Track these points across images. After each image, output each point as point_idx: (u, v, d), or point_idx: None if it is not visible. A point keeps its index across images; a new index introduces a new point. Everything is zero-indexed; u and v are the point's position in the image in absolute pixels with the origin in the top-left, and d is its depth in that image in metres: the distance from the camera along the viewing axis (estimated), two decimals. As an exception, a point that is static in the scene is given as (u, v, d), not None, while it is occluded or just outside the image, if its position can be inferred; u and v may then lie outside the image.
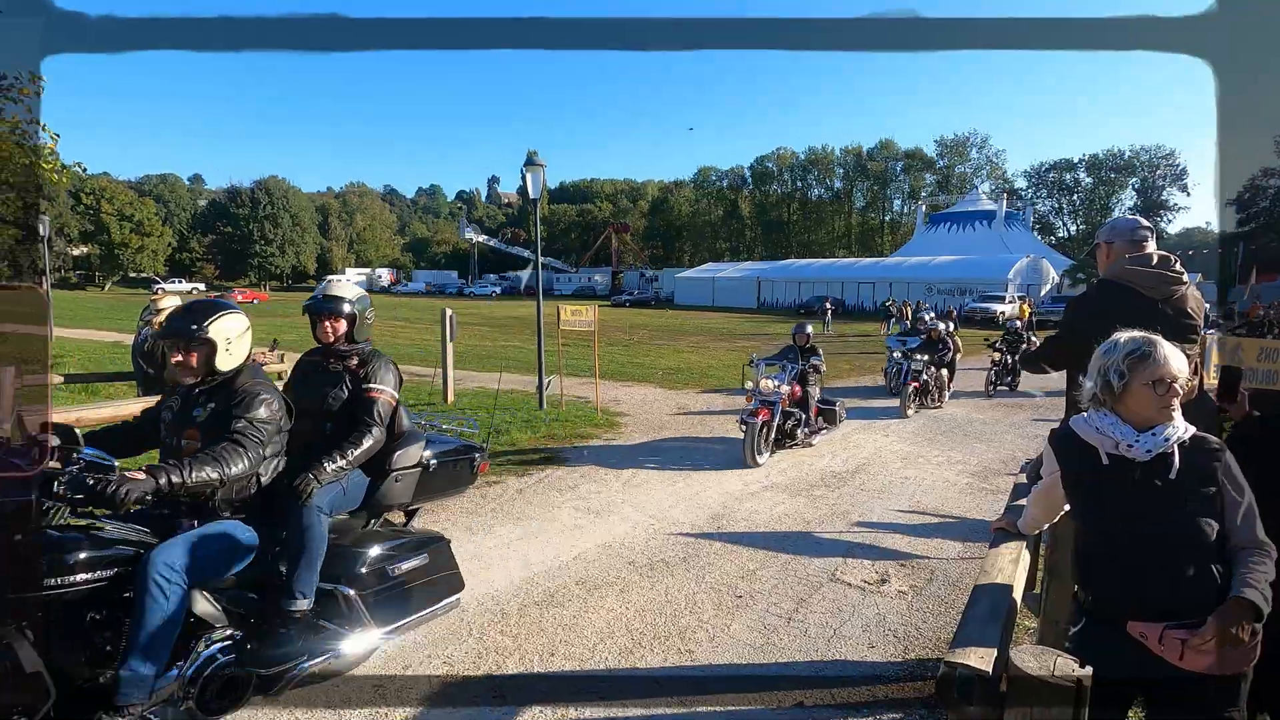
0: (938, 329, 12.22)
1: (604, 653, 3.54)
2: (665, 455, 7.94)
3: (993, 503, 6.38)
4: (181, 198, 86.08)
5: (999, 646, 1.73)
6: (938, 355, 11.82)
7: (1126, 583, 1.87)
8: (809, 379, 8.50)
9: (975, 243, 50.55)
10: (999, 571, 2.11)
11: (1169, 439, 1.85)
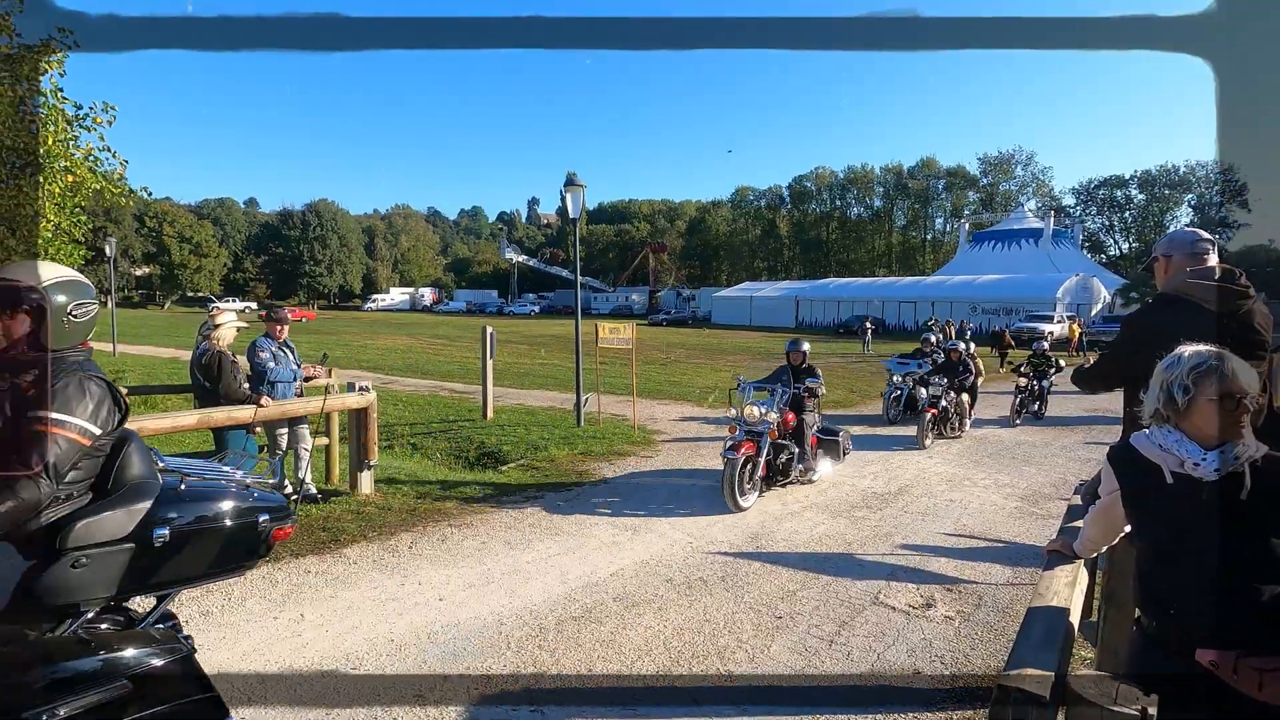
0: (957, 349, 11.26)
1: (642, 669, 3.51)
2: (702, 474, 7.88)
3: (1043, 528, 6.16)
4: (237, 220, 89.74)
5: (1056, 671, 1.67)
6: (958, 379, 10.77)
7: (1195, 608, 1.78)
8: (805, 405, 7.38)
9: (1021, 261, 49.31)
10: (1054, 594, 2.03)
11: (1239, 458, 1.77)
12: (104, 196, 10.16)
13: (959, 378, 10.79)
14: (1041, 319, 34.44)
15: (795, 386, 7.34)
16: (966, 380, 10.90)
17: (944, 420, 10.43)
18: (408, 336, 34.08)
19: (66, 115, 8.93)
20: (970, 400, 11.11)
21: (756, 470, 6.54)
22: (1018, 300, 39.84)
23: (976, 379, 11.33)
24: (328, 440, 7.07)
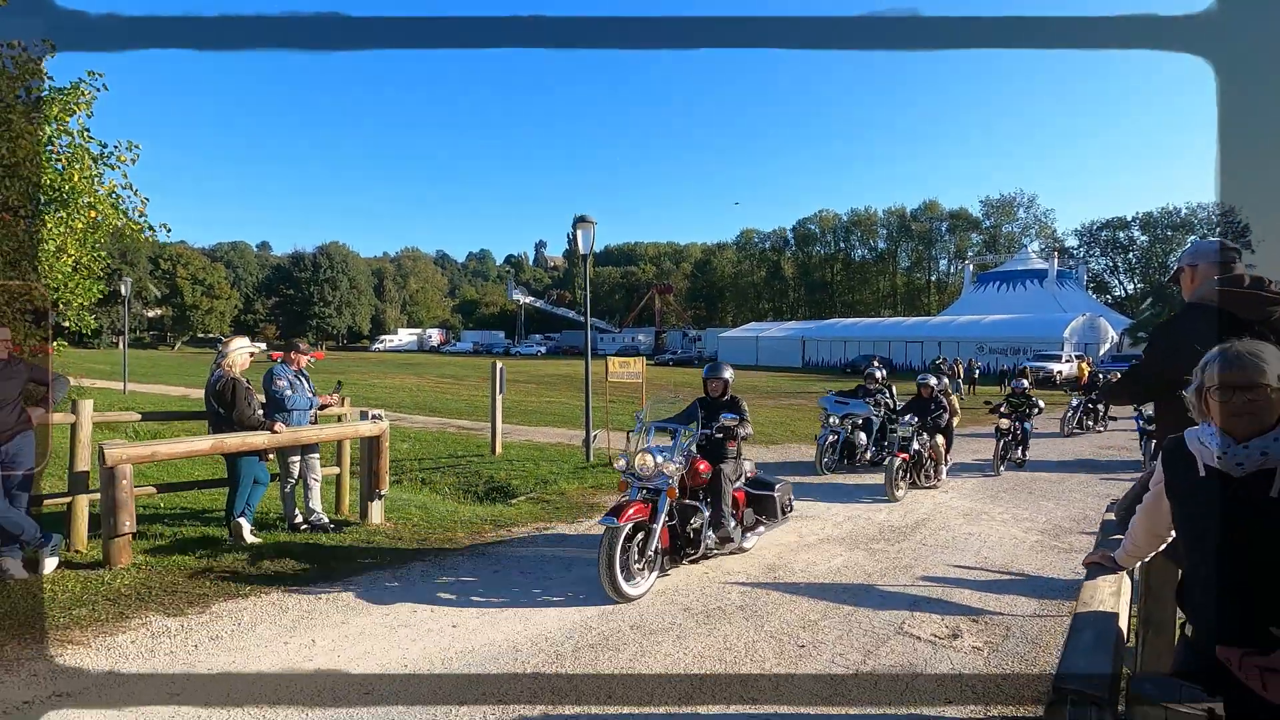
0: (928, 384, 9.68)
1: (663, 697, 3.39)
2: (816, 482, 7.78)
3: (1067, 560, 6.02)
4: (249, 263, 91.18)
5: (1111, 674, 1.60)
6: (930, 418, 9.28)
7: (1212, 604, 1.72)
8: (725, 451, 5.65)
9: (1026, 302, 49.44)
10: (1099, 602, 1.97)
11: (1267, 453, 1.70)
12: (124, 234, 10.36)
13: (931, 416, 9.34)
14: (1049, 358, 34.33)
15: (707, 427, 5.59)
16: (941, 420, 9.43)
17: (917, 466, 8.95)
18: (415, 376, 34.16)
19: (92, 154, 9.18)
20: (946, 443, 9.62)
21: (652, 541, 4.82)
22: (1025, 340, 39.80)
23: (951, 419, 10.04)
24: (338, 470, 7.01)
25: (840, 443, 10.40)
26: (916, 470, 8.96)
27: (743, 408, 5.93)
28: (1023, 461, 11.08)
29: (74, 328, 10.35)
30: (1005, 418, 10.75)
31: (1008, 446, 10.72)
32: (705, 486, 5.46)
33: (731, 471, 5.60)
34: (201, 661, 3.65)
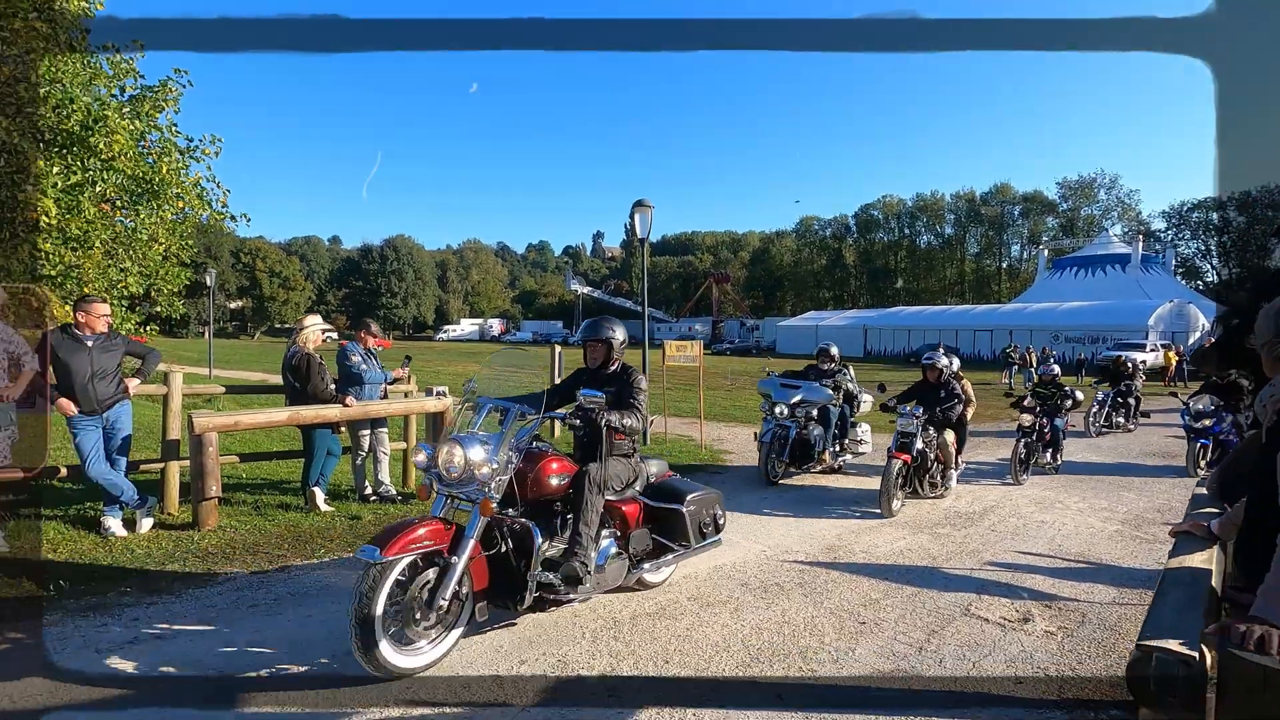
0: (935, 365, 7.56)
1: (720, 664, 3.39)
2: (774, 491, 7.69)
3: (1150, 552, 5.69)
4: (321, 256, 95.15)
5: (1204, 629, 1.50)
6: (941, 410, 7.21)
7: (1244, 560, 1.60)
8: (597, 448, 3.95)
9: (1107, 288, 46.70)
10: (1189, 562, 1.85)
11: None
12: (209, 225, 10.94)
13: (941, 408, 7.24)
14: (1132, 347, 32.42)
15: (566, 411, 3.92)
16: (953, 412, 7.33)
17: (920, 470, 7.05)
18: (477, 364, 35.01)
19: (179, 148, 9.72)
20: (957, 440, 7.74)
21: (448, 582, 3.22)
22: (1105, 328, 37.66)
23: (965, 409, 8.09)
24: (405, 445, 7.27)
25: (791, 439, 7.93)
26: (919, 476, 7.08)
27: (633, 383, 4.11)
28: (1056, 467, 9.13)
29: (165, 312, 11.03)
30: (1028, 412, 8.71)
31: (1031, 448, 8.62)
32: (564, 497, 3.80)
33: (602, 477, 3.74)
34: (280, 614, 3.86)
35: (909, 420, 6.99)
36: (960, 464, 8.09)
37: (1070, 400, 9.60)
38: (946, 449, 7.41)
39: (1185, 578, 1.73)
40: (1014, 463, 8.39)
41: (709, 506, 4.40)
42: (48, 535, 5.01)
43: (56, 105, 7.48)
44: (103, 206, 8.65)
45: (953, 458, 7.57)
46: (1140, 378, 14.74)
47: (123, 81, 9.15)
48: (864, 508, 6.92)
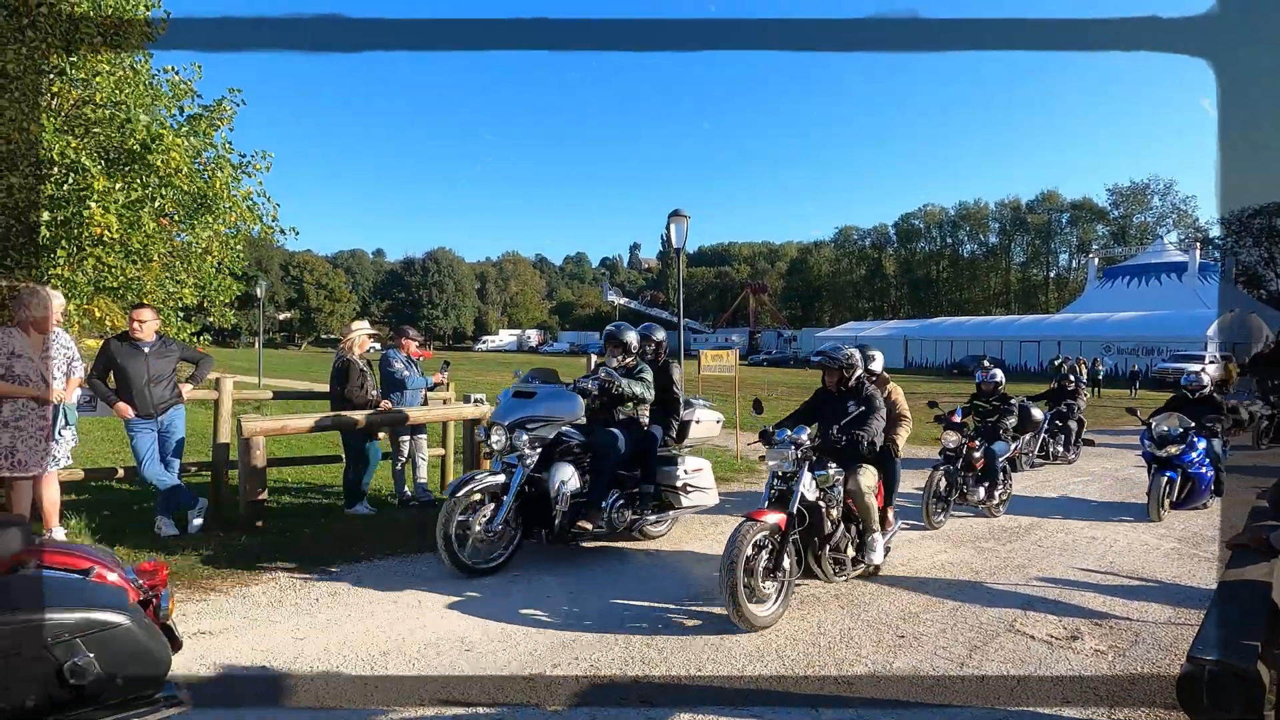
0: (838, 361, 4.75)
1: (754, 673, 3.35)
2: None
3: (1209, 570, 5.43)
4: (366, 269, 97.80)
5: (1261, 647, 1.43)
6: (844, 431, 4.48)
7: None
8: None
9: (1162, 298, 44.95)
10: (1248, 575, 1.76)
11: None
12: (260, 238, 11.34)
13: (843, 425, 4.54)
14: (1189, 358, 31.10)
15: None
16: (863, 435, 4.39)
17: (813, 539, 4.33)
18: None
19: (232, 164, 10.12)
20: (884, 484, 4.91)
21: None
22: (1160, 339, 36.23)
23: (895, 431, 5.84)
24: (443, 451, 7.39)
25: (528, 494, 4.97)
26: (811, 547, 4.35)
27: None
28: (996, 505, 6.91)
29: (217, 322, 11.45)
30: (954, 430, 6.72)
31: (954, 479, 6.57)
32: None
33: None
34: (320, 612, 3.96)
35: (782, 450, 4.28)
36: (893, 523, 5.16)
37: (1014, 417, 7.45)
38: (862, 500, 4.51)
39: (1242, 591, 1.65)
40: (926, 499, 6.28)
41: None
42: (104, 533, 5.23)
43: (121, 125, 7.86)
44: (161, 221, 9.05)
45: (873, 514, 4.54)
46: (1084, 395, 11.99)
47: (181, 101, 9.58)
48: (905, 519, 6.75)
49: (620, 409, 5.21)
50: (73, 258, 7.82)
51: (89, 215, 7.07)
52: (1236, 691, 1.35)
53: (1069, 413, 10.90)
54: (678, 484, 5.34)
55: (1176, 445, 7.17)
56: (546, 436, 4.93)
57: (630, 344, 5.37)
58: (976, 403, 7.88)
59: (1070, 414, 10.90)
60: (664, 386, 5.54)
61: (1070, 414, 10.90)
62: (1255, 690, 1.35)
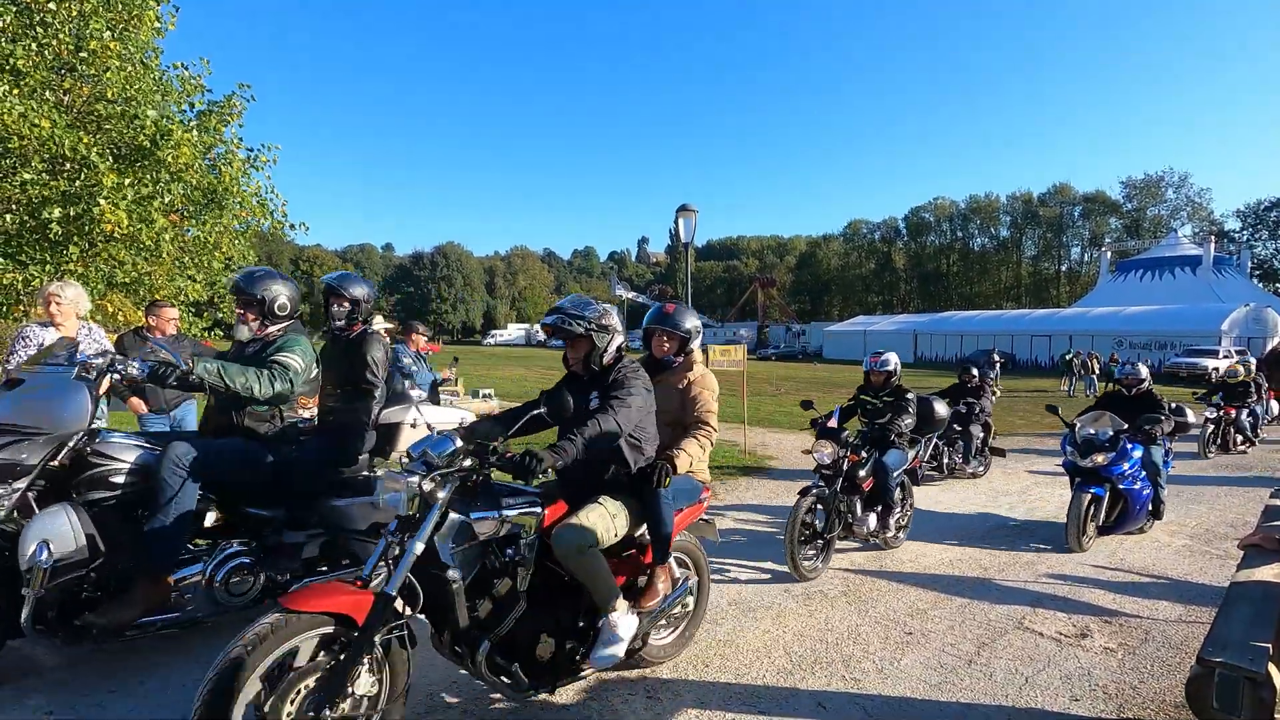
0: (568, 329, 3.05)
1: (761, 670, 3.35)
2: None
3: (1221, 567, 5.38)
4: (375, 264, 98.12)
5: (1273, 648, 1.42)
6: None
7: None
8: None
9: (1176, 291, 44.48)
10: (1259, 576, 1.75)
11: None
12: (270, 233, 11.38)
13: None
14: (1203, 353, 30.80)
15: None
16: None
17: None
18: (524, 368, 35.48)
19: (240, 158, 10.16)
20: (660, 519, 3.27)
21: None
22: (1174, 334, 35.86)
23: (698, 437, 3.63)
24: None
25: None
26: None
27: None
28: (893, 535, 5.47)
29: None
30: (830, 439, 5.09)
31: (832, 504, 4.92)
32: None
33: None
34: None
35: None
36: (663, 589, 3.19)
37: (911, 416, 5.67)
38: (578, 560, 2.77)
39: (1254, 592, 1.63)
40: (791, 538, 4.56)
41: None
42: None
43: (131, 120, 7.91)
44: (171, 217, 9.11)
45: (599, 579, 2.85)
46: (991, 395, 9.90)
47: (191, 98, 9.62)
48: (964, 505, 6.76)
49: (253, 410, 3.42)
50: (85, 254, 7.89)
51: (99, 211, 7.13)
52: (1245, 694, 1.34)
53: (970, 415, 8.81)
54: (361, 526, 3.50)
55: (1105, 454, 5.74)
56: None
57: (269, 300, 3.51)
58: (864, 398, 6.14)
59: (971, 416, 8.81)
60: (352, 372, 3.74)
61: (971, 416, 8.81)
62: (1265, 693, 1.34)
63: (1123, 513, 5.87)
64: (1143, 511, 5.97)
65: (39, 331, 4.59)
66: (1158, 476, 6.13)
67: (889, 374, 6.02)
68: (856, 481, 5.22)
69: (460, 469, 2.43)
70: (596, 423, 2.69)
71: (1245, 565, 2.06)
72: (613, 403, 2.81)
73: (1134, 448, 5.93)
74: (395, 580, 2.26)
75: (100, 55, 7.60)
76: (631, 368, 3.02)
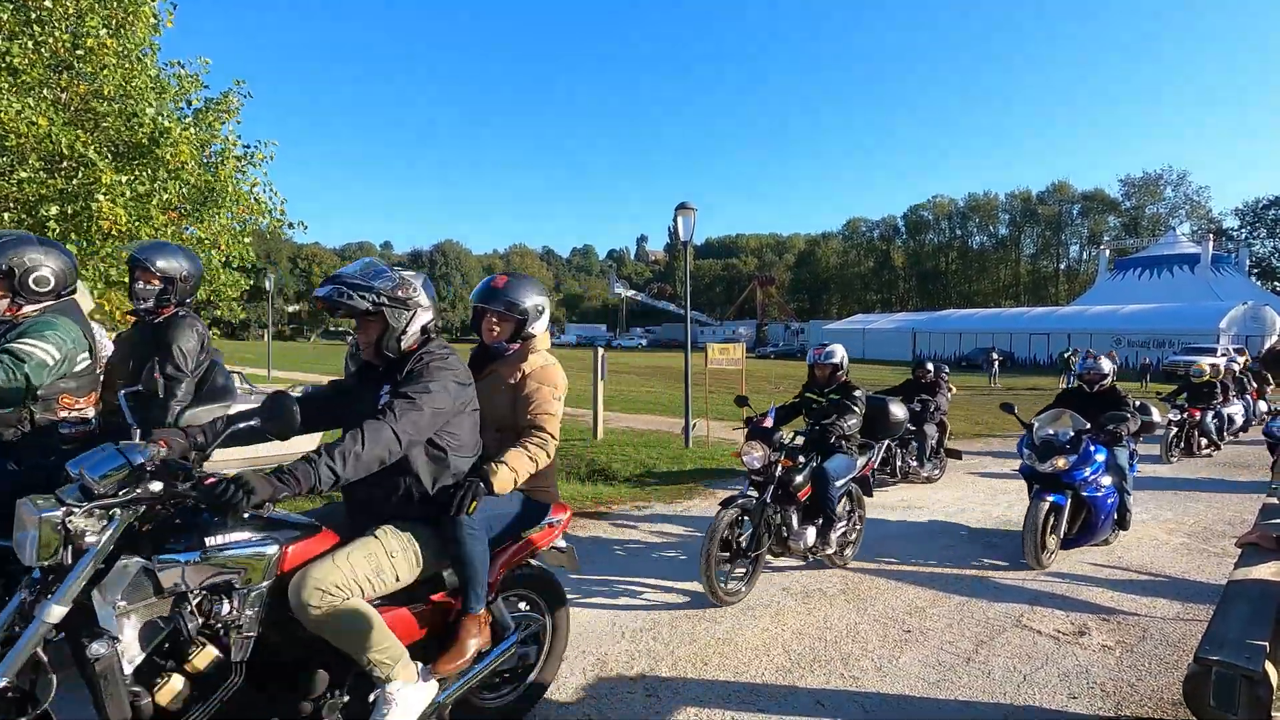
0: None
1: (760, 668, 3.36)
2: None
3: (1219, 565, 5.39)
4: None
5: (1270, 646, 1.42)
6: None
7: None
8: None
9: (1174, 289, 44.61)
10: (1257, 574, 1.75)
11: None
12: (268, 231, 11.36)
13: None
14: (1200, 351, 30.86)
15: None
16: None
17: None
18: (522, 366, 35.52)
19: (237, 155, 10.13)
20: None
21: None
22: (1172, 332, 35.96)
23: None
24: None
25: None
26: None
27: None
28: (837, 553, 4.86)
29: (224, 316, 11.51)
30: (760, 437, 4.57)
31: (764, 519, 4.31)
32: None
33: None
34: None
35: None
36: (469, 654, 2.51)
37: (857, 416, 4.97)
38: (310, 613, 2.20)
39: (1251, 590, 1.64)
40: (707, 557, 3.94)
41: None
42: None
43: (129, 118, 7.89)
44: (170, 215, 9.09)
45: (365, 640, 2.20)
46: (946, 392, 8.98)
47: (189, 95, 9.59)
48: (912, 514, 6.74)
49: None
50: (83, 251, 7.87)
51: (97, 208, 7.11)
52: (1242, 693, 1.34)
53: (924, 413, 8.12)
54: None
55: (1065, 457, 5.14)
56: None
57: (21, 271, 2.84)
58: (808, 396, 5.41)
59: (926, 415, 8.14)
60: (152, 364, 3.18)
61: (926, 415, 8.14)
62: (1261, 691, 1.34)
63: (1086, 522, 5.30)
64: (1108, 521, 5.42)
65: None
66: (1124, 481, 5.60)
67: (834, 367, 5.28)
68: (791, 490, 4.51)
69: (137, 496, 1.80)
70: (360, 433, 2.03)
71: (1243, 563, 2.07)
72: (398, 403, 2.16)
73: (1097, 450, 5.34)
74: (5, 665, 1.65)
75: (97, 53, 7.58)
76: (438, 355, 2.36)
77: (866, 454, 5.37)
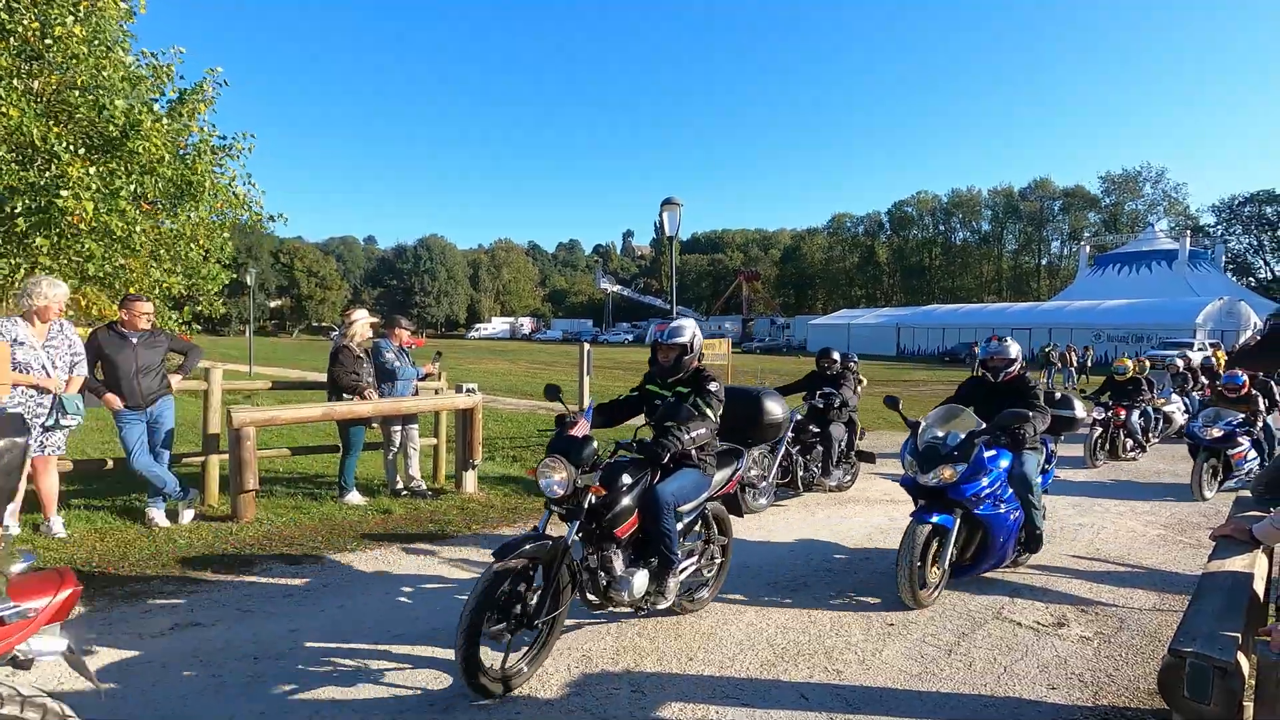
0: None
1: (744, 662, 3.37)
2: None
3: (1194, 556, 5.50)
4: (357, 256, 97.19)
5: (1242, 637, 1.45)
6: None
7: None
8: None
9: (1152, 285, 45.31)
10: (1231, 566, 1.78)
11: None
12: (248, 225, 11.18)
13: None
14: (1177, 346, 31.35)
15: None
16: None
17: None
18: (508, 362, 35.37)
19: (214, 147, 9.94)
20: None
21: None
22: (1150, 327, 36.51)
23: None
24: (436, 441, 7.37)
25: None
26: None
27: None
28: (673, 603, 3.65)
29: (206, 311, 11.34)
30: (563, 457, 3.24)
31: (557, 583, 3.14)
32: None
33: None
34: (314, 604, 3.95)
35: None
36: None
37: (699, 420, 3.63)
38: None
39: (1225, 582, 1.66)
40: (469, 622, 2.88)
41: None
42: (95, 524, 5.21)
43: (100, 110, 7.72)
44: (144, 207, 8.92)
45: None
46: (855, 385, 7.83)
47: (163, 86, 9.40)
48: (898, 508, 6.80)
49: None
50: (55, 246, 7.71)
51: (63, 203, 6.95)
52: (1215, 684, 1.36)
53: (828, 411, 7.13)
54: None
55: (952, 466, 4.14)
56: None
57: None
58: (650, 389, 4.11)
59: (831, 412, 7.18)
60: None
61: (831, 412, 7.18)
62: (1234, 682, 1.36)
63: (982, 546, 4.32)
64: (1010, 542, 4.43)
65: (8, 327, 4.51)
66: (1030, 494, 4.51)
67: (681, 349, 3.79)
68: (605, 524, 3.32)
69: None
70: None
71: (1217, 555, 2.11)
72: None
73: (998, 455, 4.37)
74: None
75: (65, 41, 7.40)
76: None
77: (732, 465, 4.06)
